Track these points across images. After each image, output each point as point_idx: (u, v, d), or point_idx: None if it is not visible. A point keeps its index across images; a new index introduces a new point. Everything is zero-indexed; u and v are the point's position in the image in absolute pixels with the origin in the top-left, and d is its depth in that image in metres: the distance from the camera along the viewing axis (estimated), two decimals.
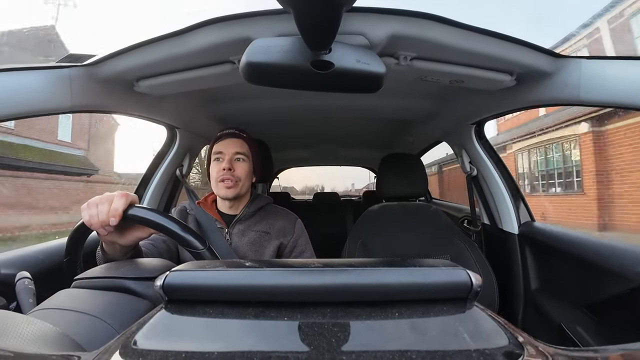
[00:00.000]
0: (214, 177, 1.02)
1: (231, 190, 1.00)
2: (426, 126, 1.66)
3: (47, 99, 0.77)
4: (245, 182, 1.04)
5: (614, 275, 0.86)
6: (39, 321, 0.37)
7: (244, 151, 1.04)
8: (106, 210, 0.59)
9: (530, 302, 1.22)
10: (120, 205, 0.59)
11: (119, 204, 0.59)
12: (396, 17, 0.69)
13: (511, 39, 0.76)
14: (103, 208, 0.59)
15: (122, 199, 0.60)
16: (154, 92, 0.97)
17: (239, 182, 1.01)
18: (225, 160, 1.00)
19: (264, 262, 0.43)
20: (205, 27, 0.71)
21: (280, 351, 0.28)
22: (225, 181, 0.99)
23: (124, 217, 0.60)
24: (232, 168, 1.00)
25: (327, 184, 19.21)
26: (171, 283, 0.35)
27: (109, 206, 0.59)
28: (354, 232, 1.36)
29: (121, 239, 0.65)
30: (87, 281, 0.54)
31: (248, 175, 1.04)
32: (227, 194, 1.00)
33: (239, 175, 1.01)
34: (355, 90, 0.71)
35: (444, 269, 0.38)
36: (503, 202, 1.35)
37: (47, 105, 0.78)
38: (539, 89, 0.90)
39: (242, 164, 1.03)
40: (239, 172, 1.01)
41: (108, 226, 0.60)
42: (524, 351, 0.28)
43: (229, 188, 0.99)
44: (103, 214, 0.59)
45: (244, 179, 1.03)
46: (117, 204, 0.59)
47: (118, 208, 0.59)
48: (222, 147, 1.03)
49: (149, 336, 0.31)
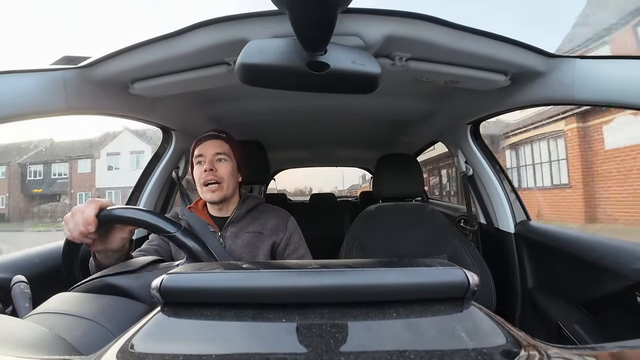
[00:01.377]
0: (198, 181, 1.01)
1: (216, 194, 0.99)
2: (422, 126, 1.67)
3: (42, 101, 0.76)
4: (230, 182, 1.02)
5: (610, 273, 0.86)
6: (35, 325, 0.37)
7: (224, 150, 1.03)
8: (81, 221, 0.61)
9: (527, 300, 1.23)
10: (91, 212, 0.61)
11: (89, 212, 0.61)
12: (391, 18, 0.70)
13: (505, 39, 0.77)
14: (77, 219, 0.61)
15: (90, 206, 0.62)
16: (149, 93, 0.96)
17: (222, 182, 1.00)
18: (207, 162, 1.00)
19: (261, 264, 0.43)
20: (201, 28, 0.71)
21: (278, 353, 0.28)
22: (209, 185, 0.99)
23: (99, 221, 0.62)
24: (214, 168, 0.99)
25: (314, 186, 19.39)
26: (168, 286, 0.35)
27: (82, 216, 0.61)
28: (351, 232, 1.36)
29: (107, 244, 0.67)
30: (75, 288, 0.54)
31: (231, 174, 1.03)
32: (213, 197, 0.99)
33: (222, 175, 1.00)
34: (351, 91, 0.71)
35: (441, 268, 0.38)
36: (499, 201, 1.36)
37: (42, 108, 0.77)
38: (534, 88, 0.90)
39: (224, 163, 1.02)
40: (221, 172, 1.00)
41: (90, 234, 0.62)
42: (522, 350, 0.29)
43: (213, 191, 0.99)
44: (79, 225, 0.61)
45: (227, 179, 1.01)
46: (87, 212, 0.61)
47: (90, 215, 0.61)
48: (202, 149, 1.02)
49: (146, 339, 0.30)
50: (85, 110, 0.90)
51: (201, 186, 1.00)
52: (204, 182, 0.99)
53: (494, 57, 0.80)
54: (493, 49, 0.78)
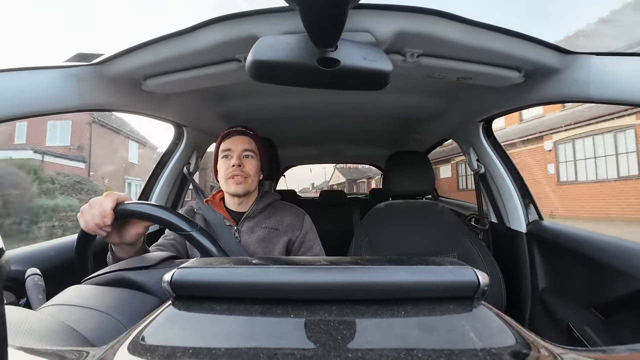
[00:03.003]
0: (222, 174, 1.03)
1: (241, 186, 1.00)
2: (433, 124, 1.65)
3: (55, 98, 0.78)
4: (254, 178, 1.05)
5: (622, 274, 0.85)
6: (49, 317, 0.38)
7: (252, 148, 1.05)
8: (98, 213, 0.62)
9: (537, 301, 1.21)
10: (108, 205, 0.62)
11: (107, 204, 0.62)
12: (402, 14, 0.69)
13: (519, 35, 0.75)
14: (94, 211, 0.62)
15: (109, 199, 0.63)
16: (161, 90, 0.98)
17: (248, 178, 1.02)
18: (235, 157, 1.01)
19: (271, 260, 0.43)
20: (212, 25, 0.72)
21: (286, 348, 0.28)
22: (235, 177, 1.00)
23: (115, 214, 0.62)
24: (242, 164, 1.01)
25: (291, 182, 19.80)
26: (179, 279, 0.36)
27: (99, 208, 0.62)
28: (361, 229, 1.36)
29: (122, 238, 0.68)
30: (90, 279, 0.55)
31: (256, 171, 1.06)
32: (238, 190, 1.01)
33: (248, 172, 1.02)
34: (361, 87, 0.71)
35: (451, 267, 0.38)
36: (511, 200, 1.34)
37: (55, 105, 0.79)
38: (548, 85, 0.88)
39: (251, 160, 1.04)
40: (248, 169, 1.02)
41: (105, 226, 0.62)
42: (531, 351, 0.28)
43: (239, 184, 1.00)
44: (96, 217, 0.61)
45: (253, 176, 1.04)
46: (105, 205, 0.62)
47: (107, 208, 0.62)
48: (231, 144, 1.03)
49: (157, 332, 0.31)
50: (98, 106, 0.91)
51: (226, 179, 1.02)
52: (230, 175, 1.00)
53: (507, 53, 0.78)
54: (506, 45, 0.77)
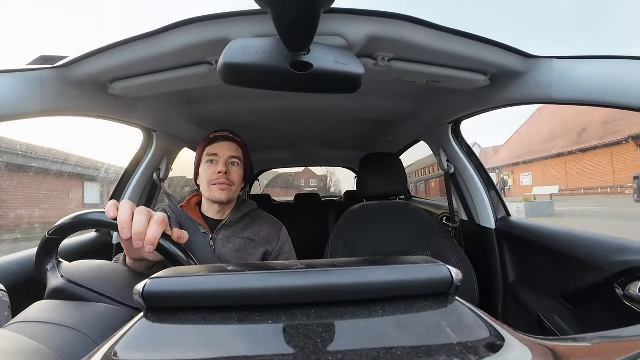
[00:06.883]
0: (205, 179, 1.00)
1: (225, 193, 0.98)
2: (405, 126, 1.69)
3: (16, 103, 0.73)
4: (239, 187, 1.03)
5: (587, 265, 0.89)
6: (16, 335, 0.36)
7: (238, 155, 1.03)
8: (144, 232, 0.54)
9: (509, 294, 1.26)
10: (158, 233, 0.55)
11: (156, 232, 0.54)
12: (373, 19, 0.70)
13: (484, 40, 0.78)
14: (140, 227, 0.54)
15: (160, 227, 0.55)
16: (128, 94, 0.94)
17: (232, 186, 1.00)
18: (221, 163, 0.99)
19: (246, 266, 0.42)
20: (182, 27, 0.70)
21: (266, 355, 0.28)
22: (219, 185, 0.98)
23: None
24: (228, 172, 0.99)
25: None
26: (151, 290, 0.34)
27: (148, 229, 0.54)
28: (336, 232, 1.36)
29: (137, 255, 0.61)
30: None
31: (241, 180, 1.04)
32: (222, 197, 0.98)
33: (234, 180, 1.00)
34: (334, 91, 0.71)
35: (425, 265, 0.39)
36: (480, 198, 1.39)
37: (16, 110, 0.73)
38: (513, 88, 0.93)
39: (237, 168, 1.02)
40: (233, 177, 1.00)
41: (138, 242, 0.54)
42: (505, 342, 0.29)
43: (223, 190, 0.98)
44: (142, 234, 0.54)
45: (238, 184, 1.02)
46: (155, 232, 0.54)
47: (156, 236, 0.54)
48: (217, 149, 1.01)
49: (130, 346, 0.30)
50: (62, 111, 0.86)
51: (209, 185, 0.99)
52: (214, 181, 0.98)
53: (473, 57, 0.82)
54: (472, 50, 0.80)
